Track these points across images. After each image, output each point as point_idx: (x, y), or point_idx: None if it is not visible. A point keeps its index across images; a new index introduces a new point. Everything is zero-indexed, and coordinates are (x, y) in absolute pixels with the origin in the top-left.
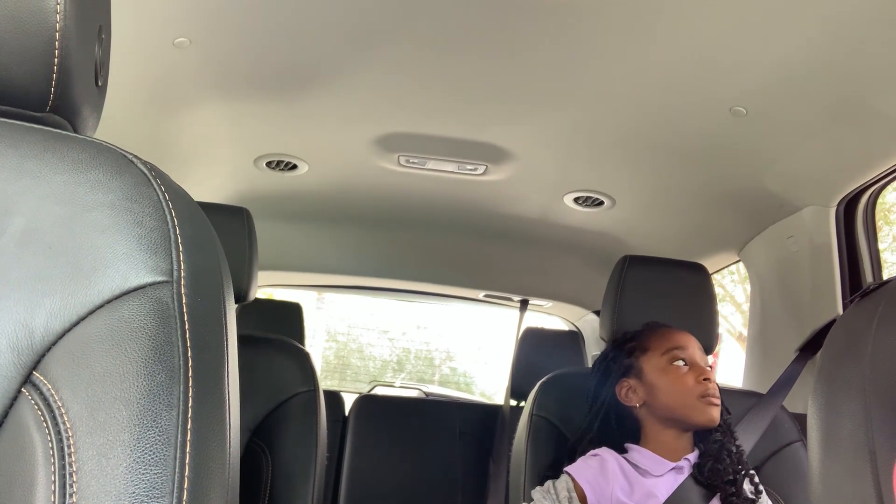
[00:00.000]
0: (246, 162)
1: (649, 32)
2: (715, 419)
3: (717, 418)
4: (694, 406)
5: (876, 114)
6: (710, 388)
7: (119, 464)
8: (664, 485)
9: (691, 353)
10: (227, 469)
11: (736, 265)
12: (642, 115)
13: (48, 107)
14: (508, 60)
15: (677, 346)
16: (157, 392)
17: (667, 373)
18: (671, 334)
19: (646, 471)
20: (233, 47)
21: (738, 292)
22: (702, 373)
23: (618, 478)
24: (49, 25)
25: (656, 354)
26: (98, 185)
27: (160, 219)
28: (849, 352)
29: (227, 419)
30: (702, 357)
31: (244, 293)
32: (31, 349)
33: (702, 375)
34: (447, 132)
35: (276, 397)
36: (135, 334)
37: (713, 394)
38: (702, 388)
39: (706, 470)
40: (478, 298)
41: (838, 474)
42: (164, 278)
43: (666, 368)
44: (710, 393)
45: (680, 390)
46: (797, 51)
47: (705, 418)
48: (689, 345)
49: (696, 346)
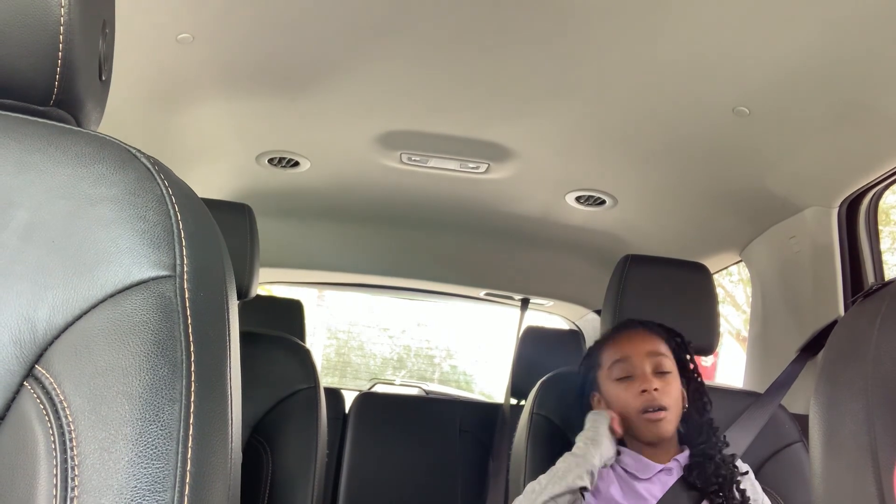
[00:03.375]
0: (248, 158)
1: (652, 32)
2: (660, 435)
3: (662, 433)
4: (637, 421)
5: (879, 115)
6: (649, 401)
7: (121, 458)
8: (655, 488)
9: (636, 362)
10: (228, 463)
11: (736, 266)
12: (645, 115)
13: (52, 101)
14: (511, 59)
15: (620, 357)
16: (160, 386)
17: (615, 387)
18: (618, 344)
19: (634, 474)
20: (236, 43)
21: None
22: (642, 384)
23: (613, 483)
24: (53, 19)
25: (606, 368)
26: (101, 180)
27: (163, 213)
28: (851, 352)
29: (229, 414)
30: (652, 362)
31: (245, 290)
32: (34, 343)
33: (641, 387)
34: (450, 130)
35: (276, 394)
36: (137, 329)
37: (652, 407)
38: (641, 402)
39: (694, 474)
40: (479, 297)
41: (840, 474)
42: (167, 273)
43: (614, 383)
44: (649, 407)
45: (624, 405)
46: (800, 51)
47: (649, 435)
48: (632, 353)
49: (644, 352)
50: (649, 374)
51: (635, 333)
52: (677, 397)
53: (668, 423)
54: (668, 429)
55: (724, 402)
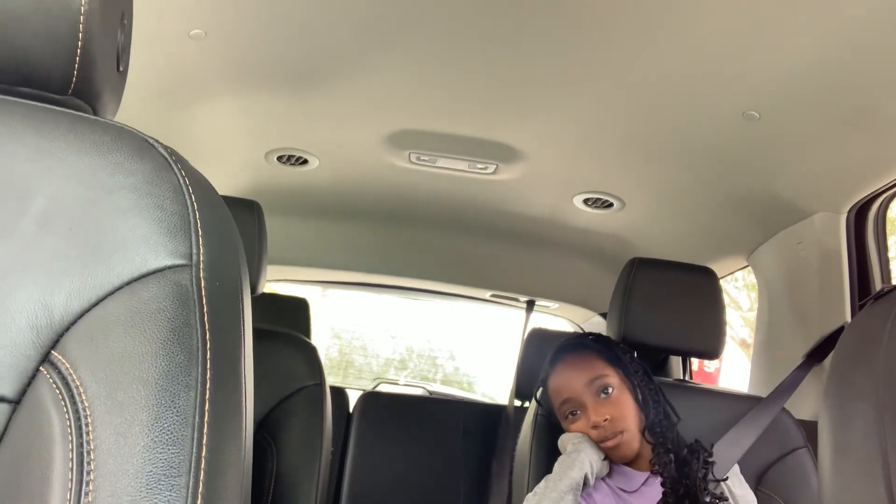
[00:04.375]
0: (257, 155)
1: (663, 35)
2: (625, 455)
3: (627, 454)
4: (603, 448)
5: (889, 120)
6: (602, 434)
7: (137, 443)
8: (647, 499)
9: (578, 398)
10: (242, 451)
11: (741, 272)
12: (654, 118)
13: (70, 90)
14: (522, 60)
15: (562, 399)
16: (176, 373)
17: (571, 424)
18: (557, 382)
19: (623, 489)
20: (248, 41)
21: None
22: (592, 418)
23: (609, 498)
24: (74, 9)
25: (557, 408)
26: (119, 168)
27: (180, 203)
28: (861, 355)
29: (244, 402)
30: (594, 389)
31: (253, 286)
32: (51, 328)
33: (591, 423)
34: (458, 131)
35: (282, 390)
36: (154, 316)
37: (607, 437)
38: (596, 436)
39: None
40: (484, 298)
41: (850, 477)
42: (184, 262)
43: (568, 421)
44: (605, 438)
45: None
46: (811, 56)
47: (617, 458)
48: (572, 389)
49: (583, 384)
50: (595, 405)
51: (569, 366)
52: (631, 410)
53: (629, 441)
54: (631, 447)
55: (727, 406)
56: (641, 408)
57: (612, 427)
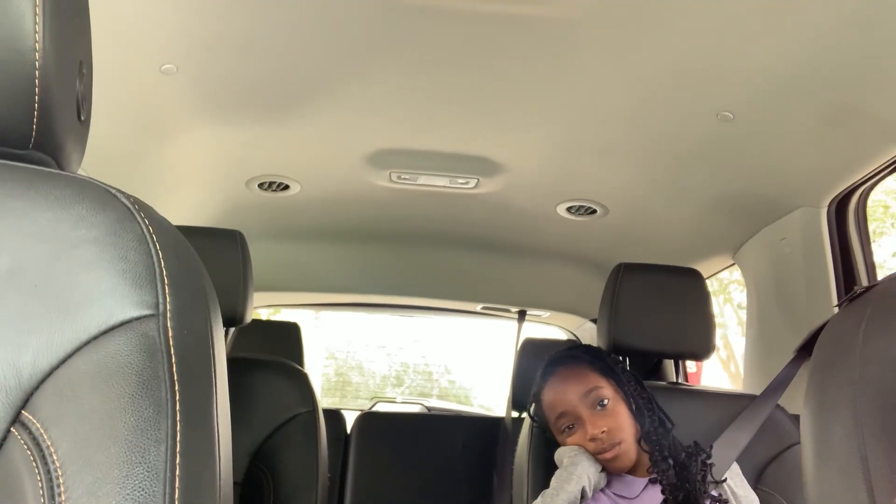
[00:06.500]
0: (238, 184)
1: (634, 41)
2: (623, 466)
3: (625, 464)
4: (600, 460)
5: (862, 115)
6: (599, 446)
7: (109, 501)
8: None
9: (574, 411)
10: (216, 501)
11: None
12: (631, 123)
13: (31, 144)
14: (495, 74)
15: (557, 413)
16: (145, 427)
17: (567, 438)
18: (552, 396)
19: (624, 496)
20: (220, 72)
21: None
22: (589, 430)
23: None
24: (28, 63)
25: (553, 423)
26: (81, 221)
27: (145, 252)
28: (838, 357)
29: (217, 451)
30: (589, 401)
31: (240, 316)
32: (20, 388)
33: (588, 436)
34: (438, 147)
35: (275, 420)
36: (122, 370)
37: (604, 449)
38: (593, 448)
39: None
40: (475, 311)
41: (832, 479)
42: (150, 312)
43: (564, 435)
44: (602, 450)
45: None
46: (782, 55)
47: (615, 469)
48: (567, 403)
49: (577, 396)
50: (592, 418)
51: (562, 379)
52: (627, 420)
53: (627, 452)
54: (628, 457)
55: (722, 406)
56: (636, 417)
57: (610, 438)
